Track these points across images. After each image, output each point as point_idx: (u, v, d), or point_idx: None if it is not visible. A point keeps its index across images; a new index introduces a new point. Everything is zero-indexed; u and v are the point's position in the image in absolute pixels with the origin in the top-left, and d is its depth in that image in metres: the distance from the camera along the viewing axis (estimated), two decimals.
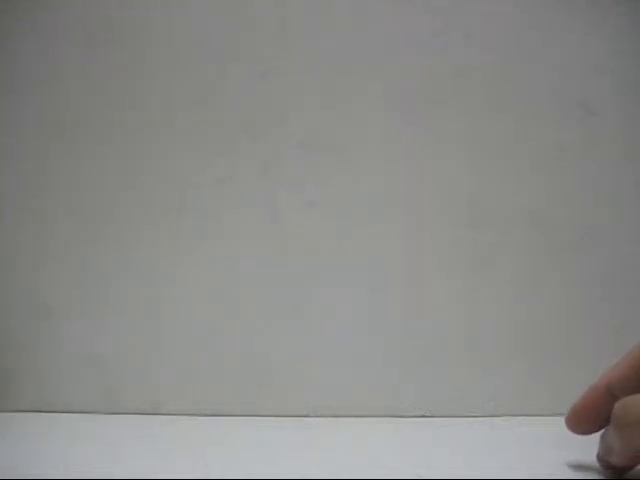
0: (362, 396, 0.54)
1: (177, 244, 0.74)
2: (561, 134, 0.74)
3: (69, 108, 0.74)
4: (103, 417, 0.68)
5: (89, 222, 0.74)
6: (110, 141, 0.74)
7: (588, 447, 0.46)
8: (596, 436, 0.45)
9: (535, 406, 0.71)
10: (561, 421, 0.47)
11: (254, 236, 0.74)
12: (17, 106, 0.74)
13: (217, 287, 0.74)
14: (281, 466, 0.55)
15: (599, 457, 0.43)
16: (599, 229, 0.74)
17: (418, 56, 0.74)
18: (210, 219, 0.74)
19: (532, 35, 0.74)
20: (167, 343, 0.73)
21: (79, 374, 0.72)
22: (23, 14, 0.73)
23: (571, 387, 0.44)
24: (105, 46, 0.74)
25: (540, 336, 0.73)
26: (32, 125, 0.74)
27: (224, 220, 0.74)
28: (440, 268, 0.74)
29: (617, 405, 0.36)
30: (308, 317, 0.56)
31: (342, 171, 0.74)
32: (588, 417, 0.43)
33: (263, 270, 0.73)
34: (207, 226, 0.74)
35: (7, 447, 0.58)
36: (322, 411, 0.69)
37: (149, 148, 0.74)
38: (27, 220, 0.74)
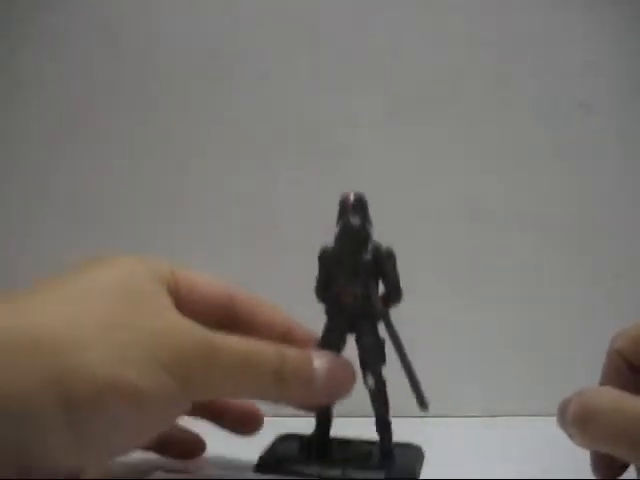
0: (362, 396, 0.54)
1: (177, 244, 0.74)
2: (561, 134, 0.74)
3: (69, 109, 0.74)
4: None
5: (91, 223, 0.74)
6: (112, 142, 0.74)
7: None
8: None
9: (535, 406, 0.71)
10: None
11: (254, 236, 0.74)
12: (19, 108, 0.74)
13: None
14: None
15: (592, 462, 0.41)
16: (599, 229, 0.74)
17: (418, 56, 0.74)
18: (210, 219, 0.74)
19: (532, 35, 0.74)
20: None
21: None
22: (28, 15, 0.74)
23: (572, 387, 0.44)
24: (106, 47, 0.74)
25: (540, 336, 0.74)
26: (36, 126, 0.74)
27: (225, 220, 0.74)
28: (439, 268, 0.74)
29: (580, 406, 0.34)
30: (306, 316, 0.56)
31: (342, 171, 0.74)
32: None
33: (263, 270, 0.73)
34: (208, 226, 0.74)
35: None
36: None
37: (150, 148, 0.74)
38: (29, 222, 0.74)
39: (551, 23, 0.74)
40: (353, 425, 0.54)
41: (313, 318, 0.52)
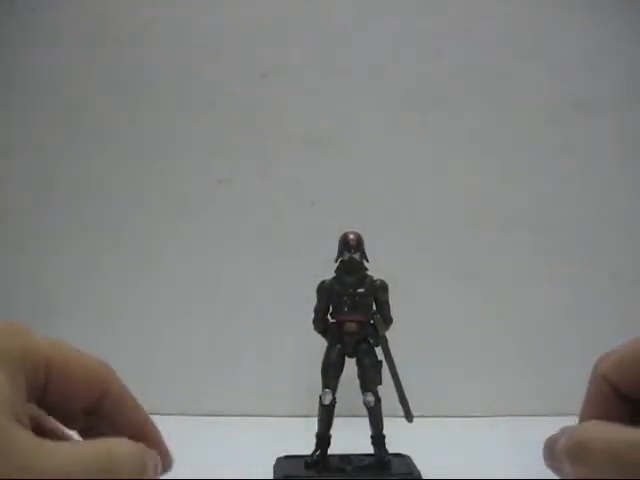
0: (359, 396, 0.55)
1: (178, 246, 0.74)
2: (561, 134, 0.74)
3: (69, 109, 0.74)
4: None
5: (91, 224, 0.74)
6: (111, 142, 0.74)
7: None
8: None
9: (535, 406, 0.71)
10: (561, 421, 0.46)
11: (254, 236, 0.74)
12: (20, 107, 0.74)
13: (218, 288, 0.74)
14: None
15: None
16: (599, 229, 0.74)
17: (418, 56, 0.74)
18: (210, 219, 0.74)
19: (532, 35, 0.74)
20: (167, 344, 0.73)
21: None
22: (27, 15, 0.73)
23: (571, 387, 0.44)
24: (106, 47, 0.74)
25: (540, 337, 0.74)
26: (35, 127, 0.74)
27: (224, 220, 0.74)
28: (439, 267, 0.74)
29: (573, 441, 0.35)
30: (307, 316, 0.56)
31: (342, 170, 0.74)
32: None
33: (263, 270, 0.73)
34: (207, 226, 0.74)
35: None
36: None
37: (150, 148, 0.74)
38: (30, 222, 0.74)
39: (551, 23, 0.74)
40: (351, 424, 0.55)
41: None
